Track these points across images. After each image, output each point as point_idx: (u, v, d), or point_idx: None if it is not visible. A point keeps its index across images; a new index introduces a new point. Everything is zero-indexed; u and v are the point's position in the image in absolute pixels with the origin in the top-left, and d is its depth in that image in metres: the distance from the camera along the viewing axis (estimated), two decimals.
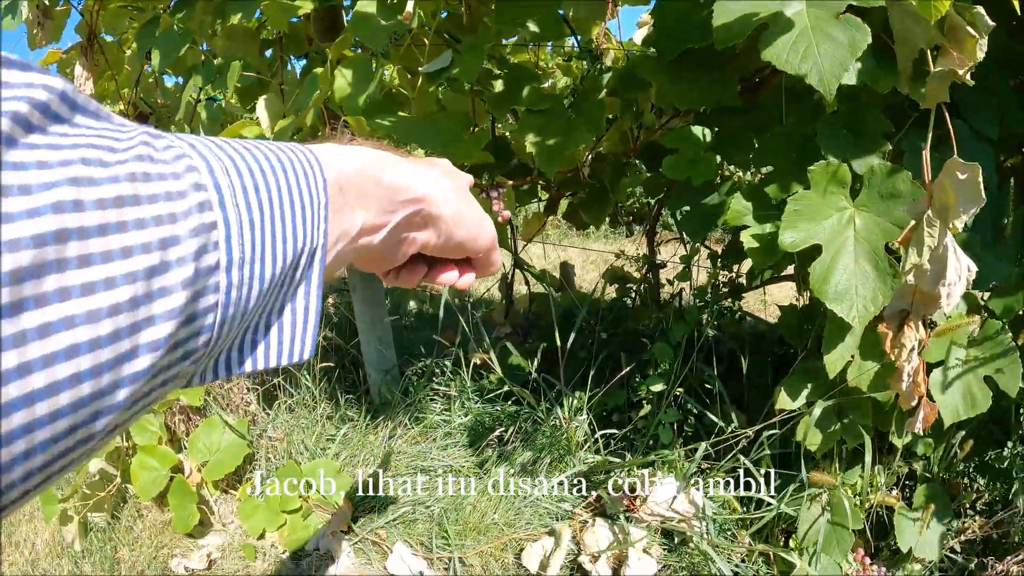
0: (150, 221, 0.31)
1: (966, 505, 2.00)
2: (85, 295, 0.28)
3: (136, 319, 0.30)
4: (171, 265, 0.31)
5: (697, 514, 1.95)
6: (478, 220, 0.63)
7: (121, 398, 0.30)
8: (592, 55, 2.04)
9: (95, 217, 0.28)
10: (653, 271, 2.71)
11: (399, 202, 0.54)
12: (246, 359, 0.43)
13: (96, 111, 0.33)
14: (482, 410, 2.55)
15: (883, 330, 1.46)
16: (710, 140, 1.87)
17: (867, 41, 1.31)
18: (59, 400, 0.27)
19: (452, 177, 0.62)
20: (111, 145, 0.31)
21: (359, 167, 0.51)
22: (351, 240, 0.50)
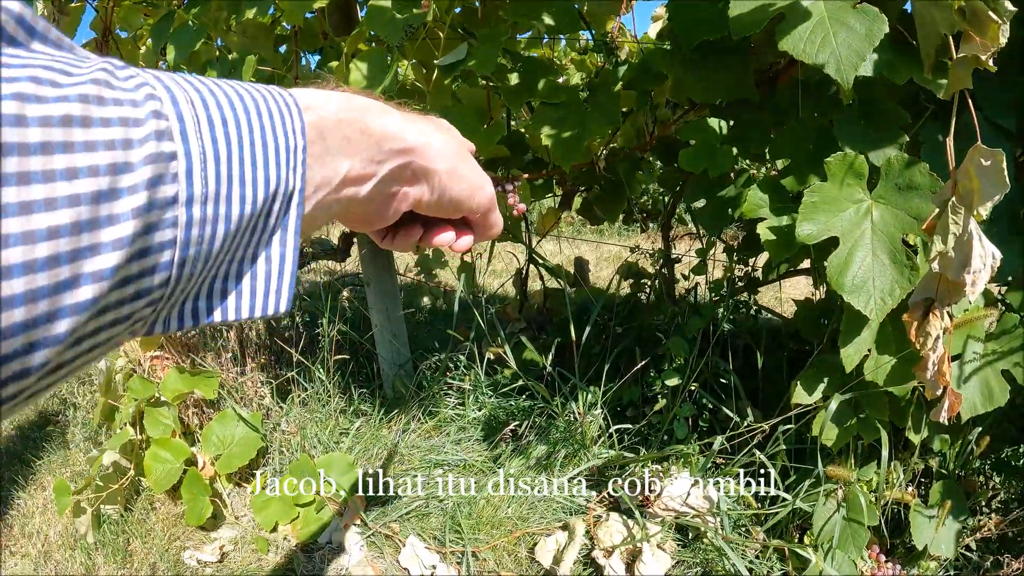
0: (100, 144, 0.29)
1: (982, 503, 1.98)
2: (22, 215, 0.26)
3: (78, 246, 0.28)
4: (121, 192, 0.30)
5: (711, 509, 1.94)
6: (475, 177, 0.60)
7: (61, 331, 0.29)
8: (607, 48, 2.03)
9: (37, 134, 0.27)
10: (668, 266, 2.70)
11: (387, 151, 0.51)
12: (215, 308, 0.41)
13: (58, 40, 0.32)
14: (496, 404, 2.54)
15: (908, 319, 1.44)
16: (726, 132, 1.86)
17: (884, 31, 1.29)
18: None
19: (448, 132, 0.60)
20: (67, 69, 0.30)
21: (343, 112, 0.48)
22: (334, 189, 0.48)
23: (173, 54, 2.26)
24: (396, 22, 1.83)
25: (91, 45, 2.74)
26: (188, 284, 0.37)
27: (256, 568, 2.10)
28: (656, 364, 2.29)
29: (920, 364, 1.46)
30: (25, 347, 0.27)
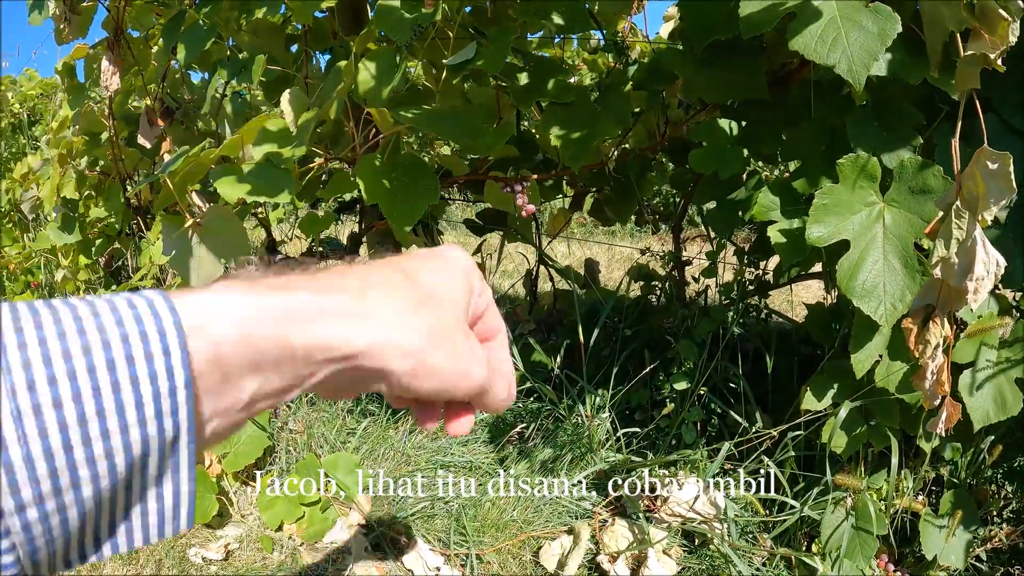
0: None
1: (993, 512, 1.94)
2: None
3: None
4: None
5: (718, 516, 1.92)
6: (455, 369, 0.49)
7: None
8: (618, 48, 2.02)
9: None
10: (679, 268, 2.68)
11: (320, 361, 0.42)
12: (103, 546, 0.37)
13: None
14: None
15: (907, 325, 1.42)
16: (737, 133, 1.84)
17: (897, 30, 1.28)
18: None
19: (426, 309, 0.48)
20: None
21: (250, 328, 0.39)
22: (243, 408, 0.41)
23: (184, 53, 2.27)
24: (405, 22, 1.82)
25: (102, 45, 2.75)
26: (55, 558, 0.34)
27: (261, 567, 2.09)
28: (665, 367, 2.26)
29: (919, 373, 1.43)
30: None
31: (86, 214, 4.15)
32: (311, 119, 1.96)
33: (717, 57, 1.76)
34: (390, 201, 1.83)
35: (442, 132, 1.89)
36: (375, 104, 1.83)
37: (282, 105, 2.05)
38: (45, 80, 7.38)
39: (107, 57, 2.63)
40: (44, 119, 7.11)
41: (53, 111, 6.81)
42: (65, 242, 4.13)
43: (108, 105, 3.10)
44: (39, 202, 4.28)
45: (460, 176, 2.33)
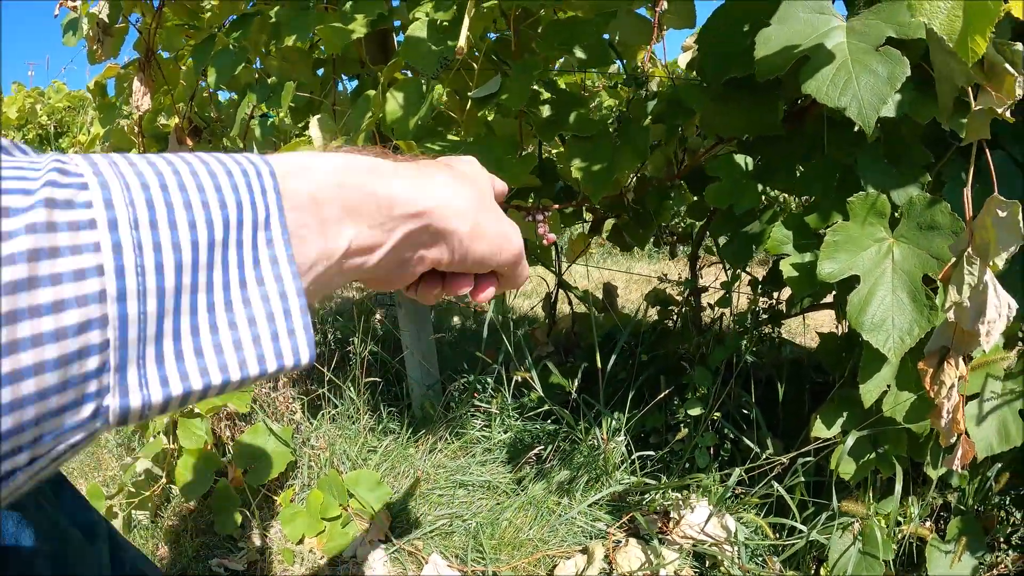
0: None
1: (1000, 539, 1.98)
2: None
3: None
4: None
5: (729, 538, 1.96)
6: (500, 232, 0.56)
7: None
8: (637, 81, 2.08)
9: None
10: (695, 295, 2.72)
11: (398, 217, 0.47)
12: (208, 363, 0.37)
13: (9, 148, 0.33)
14: (522, 428, 2.58)
15: (923, 367, 1.46)
16: (752, 169, 1.89)
17: (906, 74, 1.32)
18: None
19: (469, 183, 0.55)
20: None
21: (342, 176, 0.44)
22: (336, 262, 0.44)
23: (214, 76, 2.34)
24: (432, 54, 1.88)
25: (133, 65, 2.83)
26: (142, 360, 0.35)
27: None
28: (680, 393, 2.31)
29: (935, 411, 1.48)
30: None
31: None
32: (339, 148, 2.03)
33: (733, 93, 1.81)
34: None
35: None
36: (402, 135, 1.89)
37: (311, 131, 2.12)
38: (72, 93, 7.51)
39: (138, 77, 2.71)
40: (71, 131, 7.22)
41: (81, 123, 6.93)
42: None
43: (138, 123, 3.19)
44: None
45: None
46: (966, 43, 1.06)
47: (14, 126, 7.04)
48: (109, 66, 3.14)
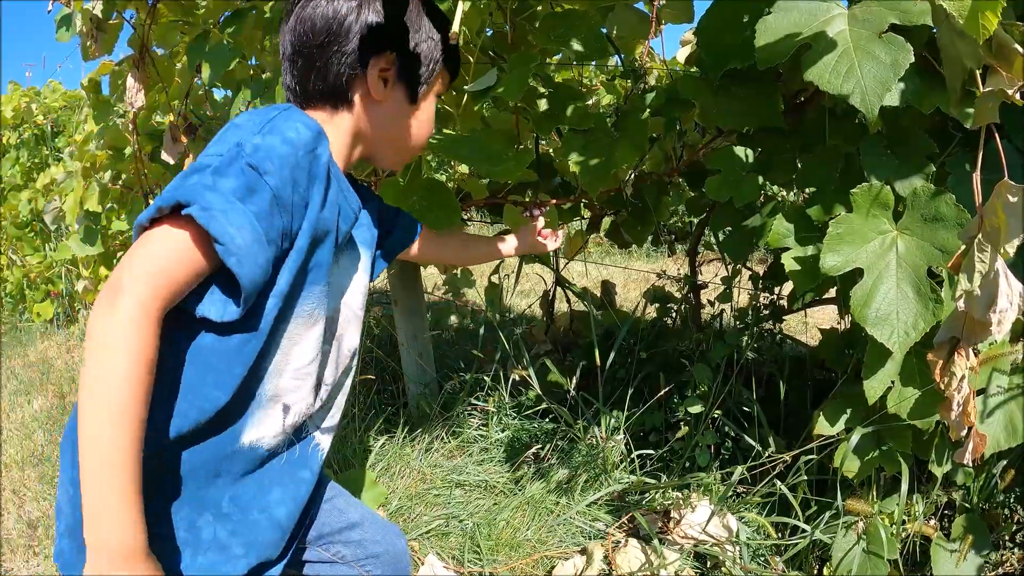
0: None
1: (1006, 537, 1.95)
2: None
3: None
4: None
5: (731, 538, 1.93)
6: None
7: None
8: (635, 74, 2.05)
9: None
10: (694, 292, 2.69)
11: None
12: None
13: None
14: (519, 426, 2.55)
15: (933, 358, 1.43)
16: (752, 161, 1.86)
17: (910, 60, 1.30)
18: None
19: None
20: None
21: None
22: None
23: (208, 72, 2.31)
24: None
25: (128, 62, 2.80)
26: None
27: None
28: (680, 390, 2.28)
29: (945, 404, 1.44)
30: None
31: (108, 227, 4.22)
32: None
33: (733, 85, 1.78)
34: None
35: (463, 158, 1.92)
36: None
37: None
38: (69, 92, 7.48)
39: (132, 74, 2.68)
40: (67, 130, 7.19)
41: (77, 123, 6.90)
42: (87, 253, 4.21)
43: (132, 121, 3.16)
44: (62, 214, 4.34)
45: (479, 199, 2.36)
46: (976, 19, 1.03)
47: (10, 125, 7.01)
48: (103, 63, 3.12)
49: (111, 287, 0.84)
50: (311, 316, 1.07)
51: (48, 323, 5.34)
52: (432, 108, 1.25)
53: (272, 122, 0.99)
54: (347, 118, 1.15)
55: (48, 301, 5.48)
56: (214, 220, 0.86)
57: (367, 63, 1.11)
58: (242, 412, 1.03)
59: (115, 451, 0.81)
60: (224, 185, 0.89)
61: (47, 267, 5.64)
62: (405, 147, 1.26)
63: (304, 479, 1.13)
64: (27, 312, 5.65)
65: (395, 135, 1.21)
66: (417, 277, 2.77)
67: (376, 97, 1.14)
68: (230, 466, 1.03)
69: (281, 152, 0.95)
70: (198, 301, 0.94)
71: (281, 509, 1.08)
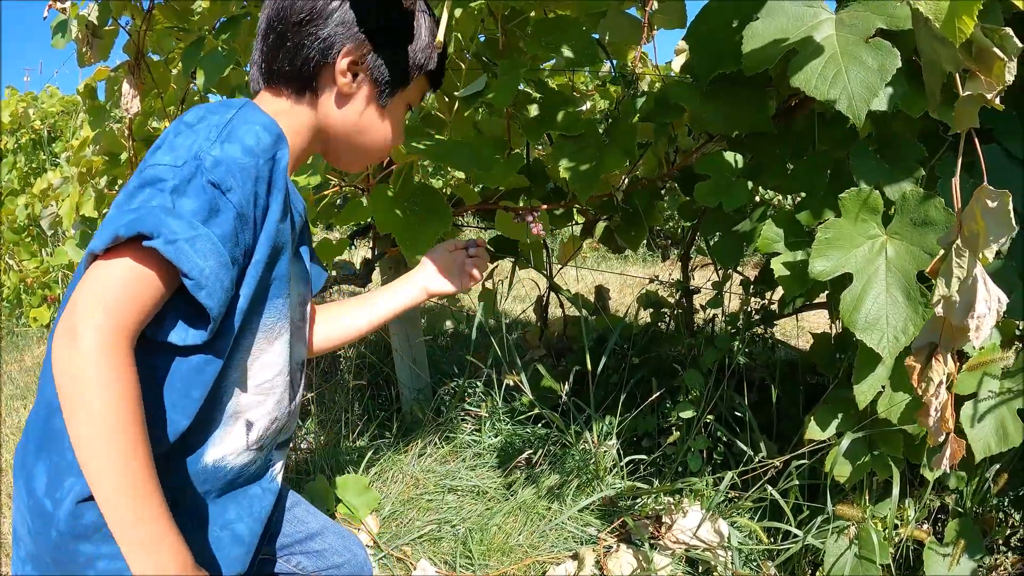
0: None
1: (999, 541, 1.95)
2: None
3: None
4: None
5: (722, 543, 1.93)
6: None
7: None
8: (626, 80, 2.05)
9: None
10: (687, 297, 2.70)
11: None
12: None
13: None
14: (512, 432, 2.55)
15: (911, 363, 1.43)
16: (742, 166, 1.87)
17: (896, 65, 1.30)
18: None
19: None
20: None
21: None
22: None
23: (203, 78, 2.31)
24: None
25: (123, 67, 2.80)
26: None
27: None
28: (672, 395, 2.28)
29: (923, 410, 1.44)
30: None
31: None
32: None
33: (723, 90, 1.78)
34: (403, 230, 1.86)
35: (454, 163, 1.92)
36: None
37: None
38: (66, 97, 7.50)
39: (128, 80, 2.67)
40: (64, 136, 7.21)
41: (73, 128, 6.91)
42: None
43: (128, 126, 3.16)
44: (58, 219, 4.35)
45: (472, 205, 2.37)
46: (953, 23, 1.03)
47: (7, 130, 7.03)
48: (99, 69, 3.11)
49: (73, 326, 0.78)
50: (272, 330, 1.03)
51: (44, 328, 5.34)
52: (401, 116, 1.17)
53: (230, 126, 0.93)
54: (308, 110, 1.08)
55: (45, 306, 5.49)
56: (182, 254, 0.82)
57: (339, 51, 1.04)
58: (203, 431, 0.98)
59: (140, 486, 0.79)
60: (185, 207, 0.84)
61: (44, 272, 5.64)
62: (364, 151, 1.17)
63: (256, 495, 1.09)
64: (24, 317, 5.65)
65: (356, 136, 1.13)
66: None
67: (342, 90, 1.07)
68: (196, 486, 0.99)
69: (243, 164, 0.90)
70: (159, 327, 0.90)
71: (240, 526, 1.05)
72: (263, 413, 1.05)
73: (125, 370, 0.80)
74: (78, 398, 0.77)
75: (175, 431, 0.93)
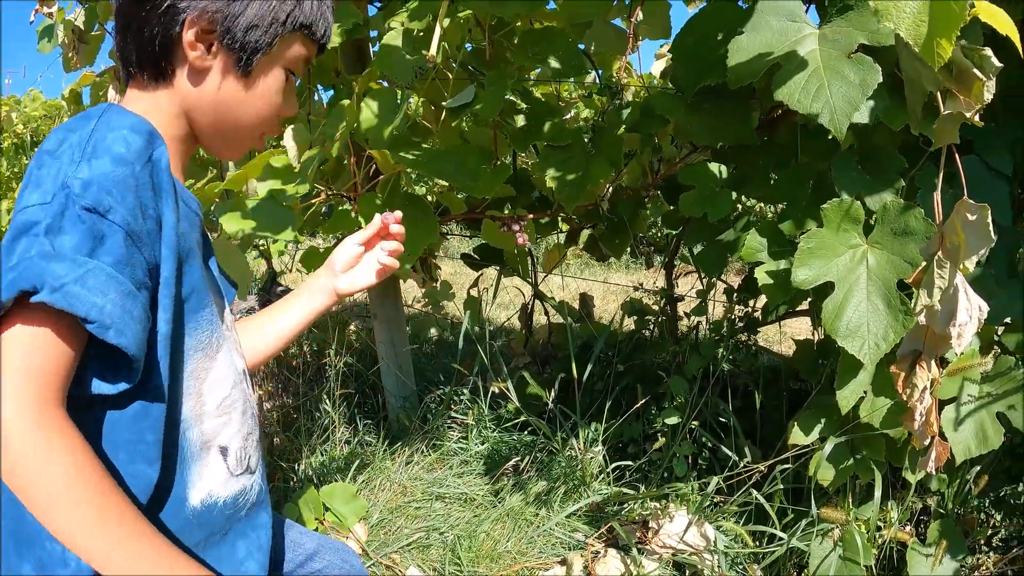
0: None
1: (981, 541, 1.99)
2: None
3: None
4: None
5: (709, 547, 1.96)
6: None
7: None
8: (611, 91, 2.08)
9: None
10: (671, 304, 2.72)
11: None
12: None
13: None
14: (499, 439, 2.56)
15: (895, 370, 1.47)
16: (726, 177, 1.90)
17: (878, 80, 1.33)
18: None
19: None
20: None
21: None
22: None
23: None
24: (406, 63, 1.87)
25: (109, 73, 2.80)
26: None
27: None
28: (657, 402, 2.31)
29: (908, 414, 1.48)
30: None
31: None
32: (313, 157, 2.01)
33: (707, 102, 1.81)
34: None
35: (441, 175, 1.94)
36: (376, 145, 1.88)
37: (285, 141, 2.10)
38: (49, 102, 7.43)
39: (113, 86, 2.68)
40: None
41: None
42: None
43: None
44: None
45: (458, 214, 2.38)
46: (932, 47, 1.06)
47: None
48: (84, 74, 3.11)
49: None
50: (210, 344, 0.94)
51: None
52: (277, 85, 1.00)
53: (92, 139, 0.82)
54: (170, 96, 0.95)
55: None
56: (74, 298, 0.73)
57: (184, 22, 0.90)
58: (177, 474, 0.89)
59: (133, 542, 0.75)
60: (65, 245, 0.75)
61: None
62: (234, 132, 1.01)
63: (264, 523, 1.02)
64: None
65: (221, 115, 0.98)
66: (397, 289, 2.78)
67: (195, 65, 0.93)
68: (190, 536, 0.90)
69: (117, 177, 0.80)
70: (82, 382, 0.80)
71: (251, 563, 0.98)
72: (233, 433, 0.97)
73: (63, 436, 0.73)
74: (30, 487, 0.71)
75: (146, 484, 0.85)
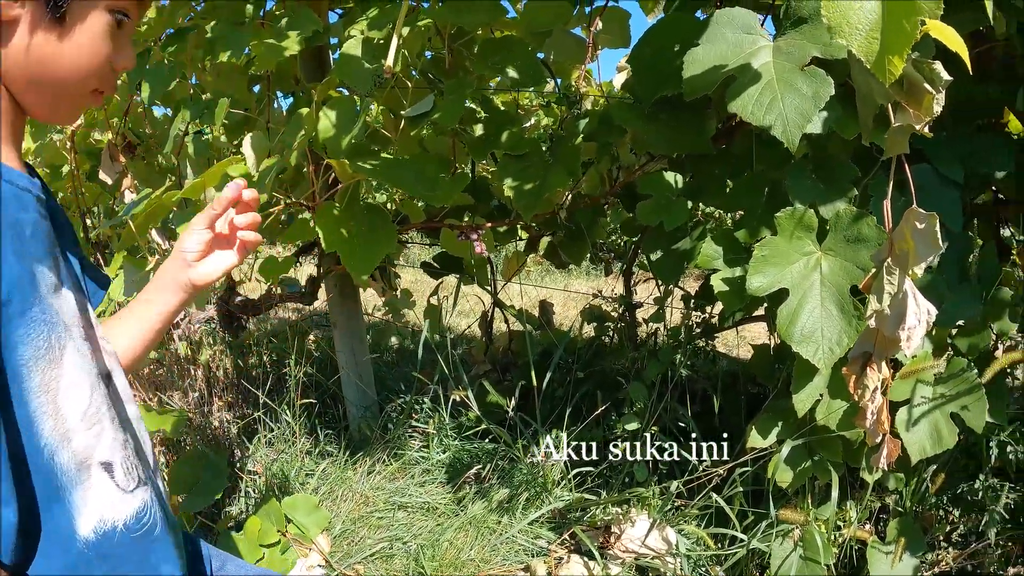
0: None
1: (940, 537, 2.03)
2: None
3: None
4: None
5: (671, 550, 1.98)
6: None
7: None
8: (570, 101, 2.09)
9: None
10: (630, 311, 2.75)
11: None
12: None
13: None
14: (460, 447, 2.57)
15: (847, 372, 1.50)
16: (682, 186, 1.92)
17: (830, 93, 1.35)
18: None
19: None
20: None
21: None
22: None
23: (148, 91, 2.28)
24: (366, 72, 1.87)
25: None
26: None
27: None
28: (617, 408, 2.33)
29: (860, 413, 1.51)
30: None
31: None
32: (272, 166, 2.00)
33: (663, 112, 1.83)
34: (349, 250, 1.88)
35: (399, 184, 1.94)
36: (335, 154, 1.87)
37: (244, 149, 2.09)
38: None
39: None
40: None
41: None
42: None
43: (70, 138, 3.12)
44: None
45: (417, 223, 2.39)
46: (884, 64, 1.08)
47: None
48: None
49: None
50: (51, 348, 0.77)
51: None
52: (99, 28, 0.83)
53: None
54: None
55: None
56: None
57: None
58: (55, 506, 0.78)
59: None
60: None
61: None
62: (59, 90, 0.85)
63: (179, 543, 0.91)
64: None
65: (37, 73, 0.82)
66: (357, 298, 2.78)
67: (3, 17, 0.77)
68: (90, 572, 0.80)
69: None
70: None
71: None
72: (109, 443, 0.83)
73: None
74: None
75: (7, 526, 0.72)
